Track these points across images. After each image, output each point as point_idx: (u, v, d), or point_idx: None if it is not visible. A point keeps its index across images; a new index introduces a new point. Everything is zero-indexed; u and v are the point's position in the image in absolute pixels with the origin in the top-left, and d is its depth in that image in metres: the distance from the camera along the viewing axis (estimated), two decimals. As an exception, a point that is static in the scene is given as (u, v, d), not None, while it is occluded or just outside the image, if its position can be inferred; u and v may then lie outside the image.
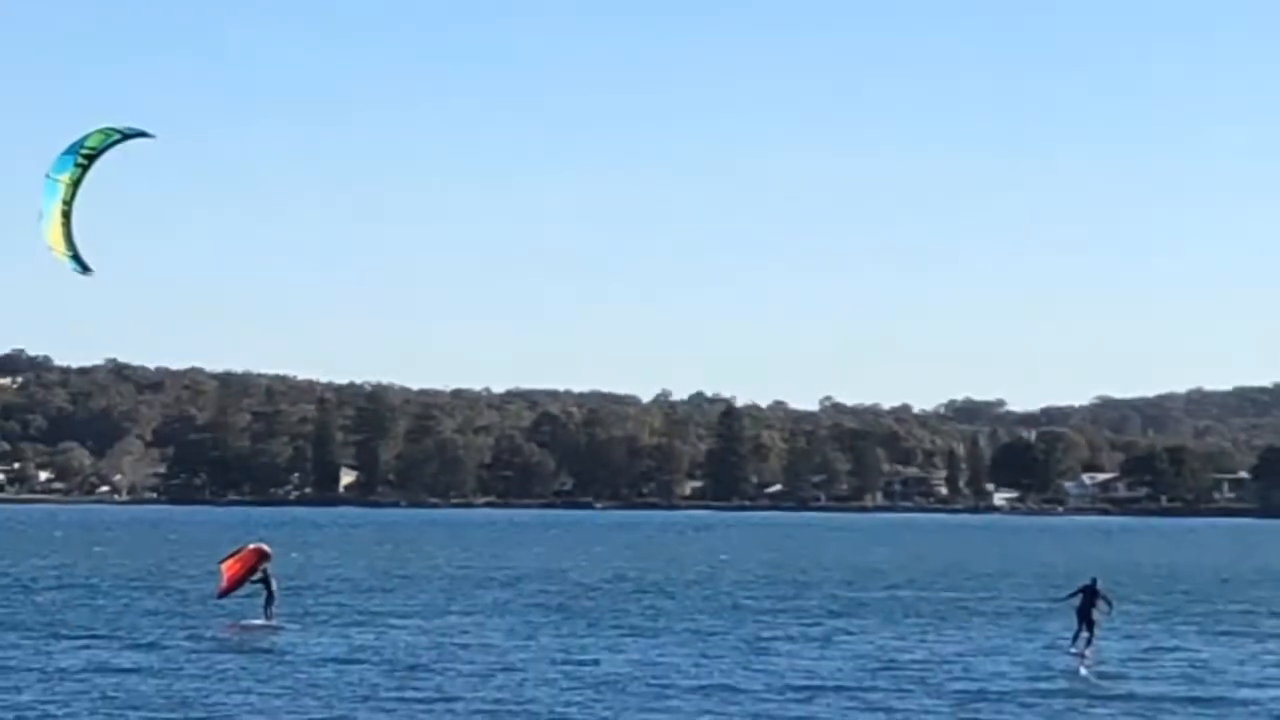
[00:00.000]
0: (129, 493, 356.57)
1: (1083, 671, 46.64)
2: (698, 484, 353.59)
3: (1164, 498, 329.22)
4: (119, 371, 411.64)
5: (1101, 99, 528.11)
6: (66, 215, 40.90)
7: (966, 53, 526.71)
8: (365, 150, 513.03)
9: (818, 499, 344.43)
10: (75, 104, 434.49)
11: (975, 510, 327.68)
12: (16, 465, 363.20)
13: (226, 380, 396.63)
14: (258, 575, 57.44)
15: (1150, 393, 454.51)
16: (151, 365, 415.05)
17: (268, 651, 48.91)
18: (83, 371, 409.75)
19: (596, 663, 46.83)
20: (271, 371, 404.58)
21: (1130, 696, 41.57)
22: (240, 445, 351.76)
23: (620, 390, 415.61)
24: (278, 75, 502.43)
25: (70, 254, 41.20)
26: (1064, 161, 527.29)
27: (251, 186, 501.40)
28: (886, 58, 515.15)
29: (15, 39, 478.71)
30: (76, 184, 40.87)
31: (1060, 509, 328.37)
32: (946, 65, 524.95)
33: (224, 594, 58.70)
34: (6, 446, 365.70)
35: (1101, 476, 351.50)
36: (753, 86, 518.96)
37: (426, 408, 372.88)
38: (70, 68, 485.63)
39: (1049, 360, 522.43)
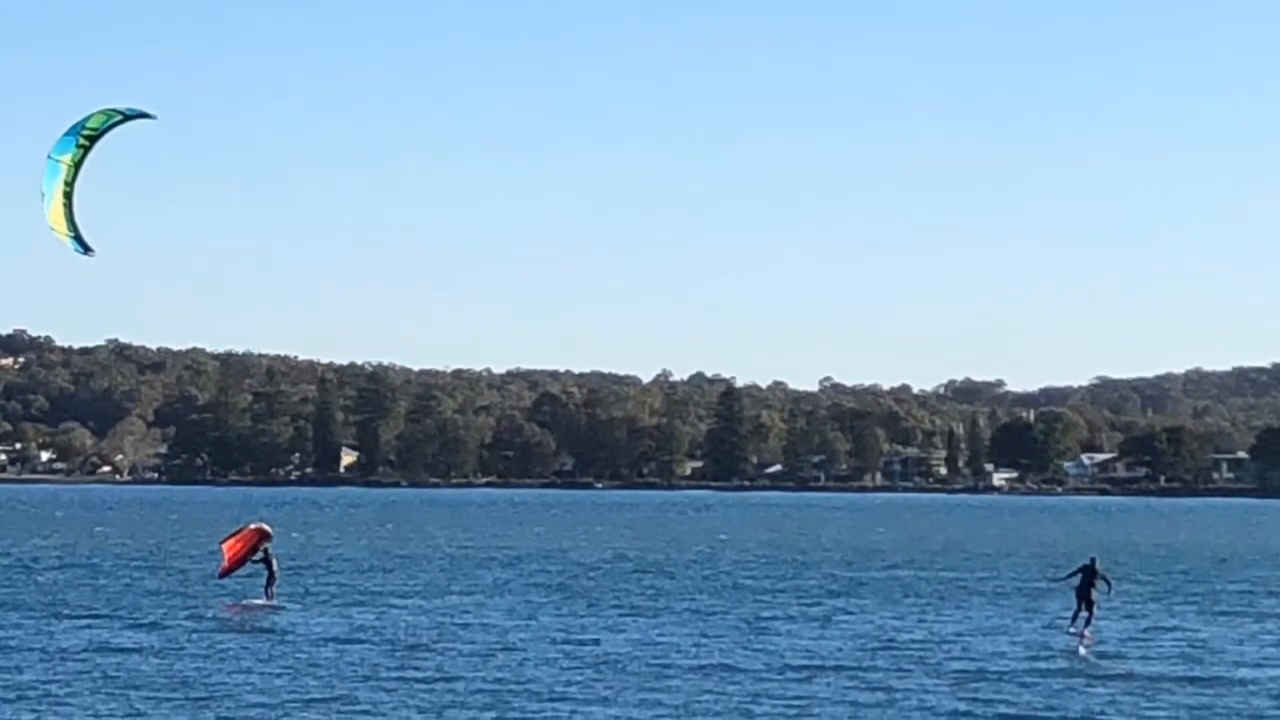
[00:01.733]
0: (130, 473, 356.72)
1: (1082, 651, 46.76)
2: (698, 464, 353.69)
3: (1163, 478, 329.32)
4: (120, 352, 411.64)
5: (1097, 81, 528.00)
6: (68, 196, 40.98)
7: (965, 36, 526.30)
8: (366, 131, 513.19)
9: (817, 479, 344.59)
10: (77, 85, 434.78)
11: (974, 490, 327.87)
12: (18, 445, 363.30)
13: (228, 360, 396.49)
14: (259, 555, 57.52)
15: (1149, 373, 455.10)
16: (153, 345, 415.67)
17: (269, 631, 49.04)
18: (84, 352, 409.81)
19: (596, 642, 46.95)
20: (272, 352, 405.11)
21: (1129, 676, 41.68)
22: (241, 425, 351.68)
23: (620, 370, 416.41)
24: (278, 57, 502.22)
25: (72, 234, 41.28)
26: (1064, 142, 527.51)
27: (253, 167, 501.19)
28: (886, 42, 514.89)
29: (17, 21, 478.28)
30: (78, 165, 40.95)
31: (1059, 489, 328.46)
32: (945, 49, 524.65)
33: (225, 574, 58.81)
34: (8, 426, 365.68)
35: (1100, 457, 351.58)
36: (753, 69, 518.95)
37: (427, 388, 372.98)
38: (72, 49, 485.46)
39: (1048, 341, 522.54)
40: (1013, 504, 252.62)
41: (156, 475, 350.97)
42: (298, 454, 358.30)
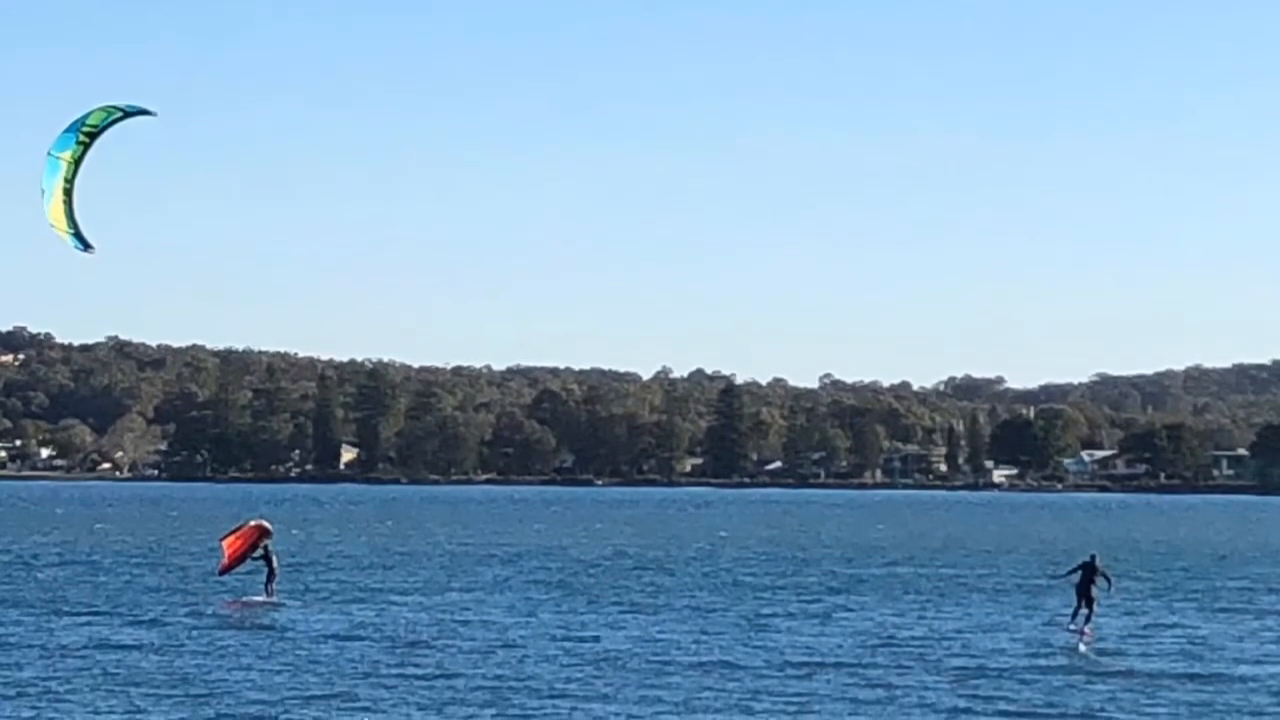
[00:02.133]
0: (130, 470, 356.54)
1: (1082, 648, 46.78)
2: (698, 461, 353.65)
3: (1163, 475, 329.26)
4: (120, 348, 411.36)
5: (1098, 76, 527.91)
6: (68, 193, 40.96)
7: (965, 31, 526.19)
8: (366, 128, 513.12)
9: (817, 476, 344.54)
10: (77, 82, 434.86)
11: (974, 487, 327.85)
12: (18, 442, 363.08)
13: (228, 357, 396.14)
14: (259, 552, 57.53)
15: (1149, 370, 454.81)
16: (153, 342, 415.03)
17: (269, 628, 49.05)
18: (84, 348, 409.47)
19: (597, 639, 46.96)
20: (272, 348, 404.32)
21: (1129, 673, 41.69)
22: (241, 422, 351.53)
23: (620, 367, 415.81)
24: (278, 53, 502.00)
25: (72, 231, 41.27)
26: (1064, 138, 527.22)
27: (253, 164, 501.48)
28: (886, 37, 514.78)
29: (17, 17, 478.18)
30: (78, 162, 40.92)
31: (1059, 486, 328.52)
32: (945, 43, 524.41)
33: (225, 571, 58.81)
34: (8, 423, 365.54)
35: (1100, 453, 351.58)
36: (752, 64, 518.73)
37: (427, 385, 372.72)
38: (72, 45, 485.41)
39: (1048, 337, 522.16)
40: (1013, 501, 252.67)
41: (156, 472, 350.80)
42: (298, 451, 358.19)
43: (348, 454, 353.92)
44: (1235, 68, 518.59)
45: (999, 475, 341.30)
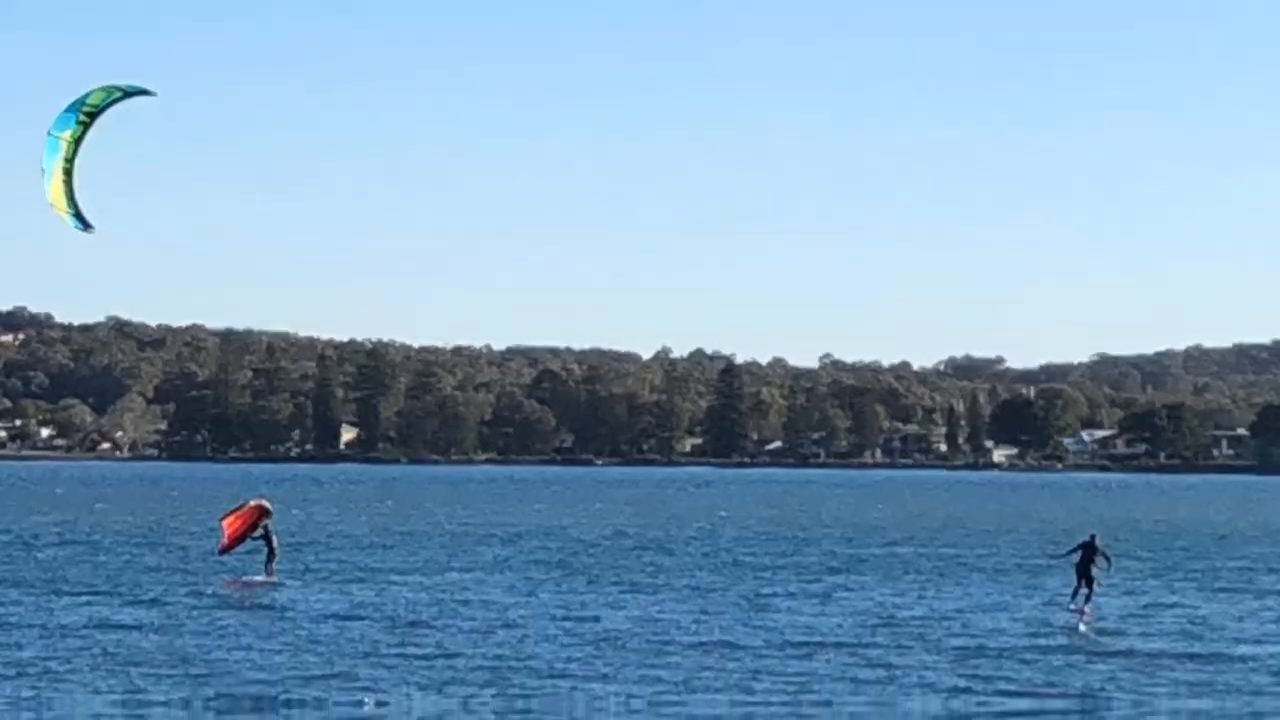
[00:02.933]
0: (130, 449, 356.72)
1: (1082, 628, 46.79)
2: (698, 441, 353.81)
3: (1163, 454, 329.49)
4: (120, 328, 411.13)
5: (1099, 60, 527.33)
6: (68, 173, 40.95)
7: (965, 16, 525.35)
8: (366, 109, 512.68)
9: (817, 456, 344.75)
10: (77, 63, 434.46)
11: (974, 467, 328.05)
12: (18, 422, 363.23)
13: (228, 337, 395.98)
14: (259, 532, 57.49)
15: (1149, 350, 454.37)
16: (153, 322, 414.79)
17: (268, 608, 49.03)
18: (84, 328, 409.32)
19: (596, 619, 46.95)
20: (272, 328, 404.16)
21: (1129, 653, 41.67)
22: (241, 402, 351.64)
23: (620, 347, 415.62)
24: (279, 35, 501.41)
25: (72, 211, 41.27)
26: (1064, 121, 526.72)
27: (253, 144, 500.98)
28: (886, 23, 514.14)
29: (17, 1, 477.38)
30: (78, 141, 40.90)
31: (1059, 465, 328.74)
32: (942, 30, 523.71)
33: (225, 550, 58.78)
34: (8, 403, 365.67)
35: (1100, 433, 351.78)
36: (756, 47, 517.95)
37: (427, 365, 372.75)
38: (72, 27, 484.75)
39: (1048, 317, 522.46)
40: (1013, 480, 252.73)
41: (156, 452, 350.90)
42: (298, 430, 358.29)
43: (348, 434, 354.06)
44: (1235, 53, 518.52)
45: (999, 455, 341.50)
